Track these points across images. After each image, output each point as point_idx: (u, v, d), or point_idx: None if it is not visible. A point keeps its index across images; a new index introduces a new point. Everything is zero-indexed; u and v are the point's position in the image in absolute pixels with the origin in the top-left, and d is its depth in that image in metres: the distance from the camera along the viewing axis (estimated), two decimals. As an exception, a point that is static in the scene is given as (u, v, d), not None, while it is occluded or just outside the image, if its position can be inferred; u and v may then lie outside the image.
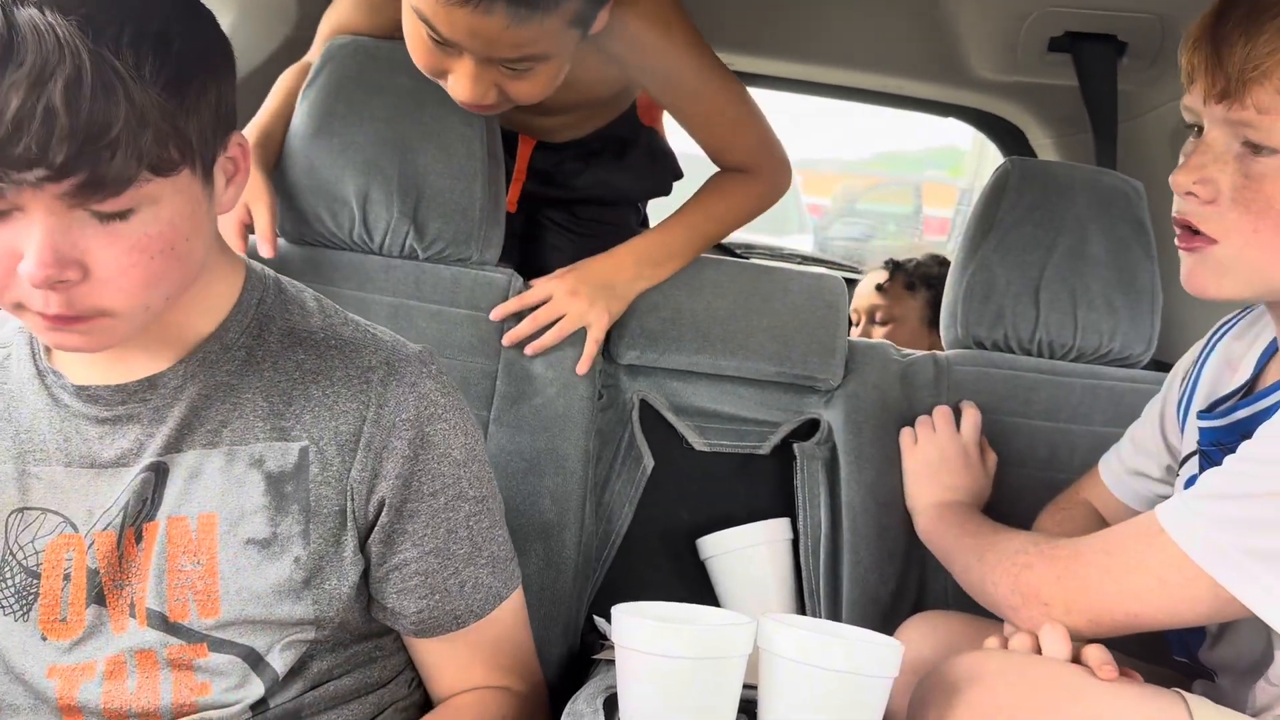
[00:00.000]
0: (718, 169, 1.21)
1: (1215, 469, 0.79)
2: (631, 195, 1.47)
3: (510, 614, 0.84)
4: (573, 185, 1.40)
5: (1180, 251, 0.82)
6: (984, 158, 2.75)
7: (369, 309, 1.09)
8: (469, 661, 0.82)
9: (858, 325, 2.00)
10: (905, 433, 1.17)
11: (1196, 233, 0.80)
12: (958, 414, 1.17)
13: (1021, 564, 0.89)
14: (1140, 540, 0.80)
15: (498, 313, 1.12)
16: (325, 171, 1.11)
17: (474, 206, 1.12)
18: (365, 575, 0.79)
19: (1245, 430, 0.80)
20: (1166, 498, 0.93)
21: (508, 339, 1.12)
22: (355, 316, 0.84)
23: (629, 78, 1.19)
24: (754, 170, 1.18)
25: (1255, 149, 0.74)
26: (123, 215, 0.63)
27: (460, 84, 0.97)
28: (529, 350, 1.11)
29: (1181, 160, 0.82)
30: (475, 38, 0.92)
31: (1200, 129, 0.79)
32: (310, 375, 0.77)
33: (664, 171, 1.45)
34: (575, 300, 1.11)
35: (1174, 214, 0.81)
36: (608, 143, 1.39)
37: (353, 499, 0.77)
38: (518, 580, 0.85)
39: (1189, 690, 0.78)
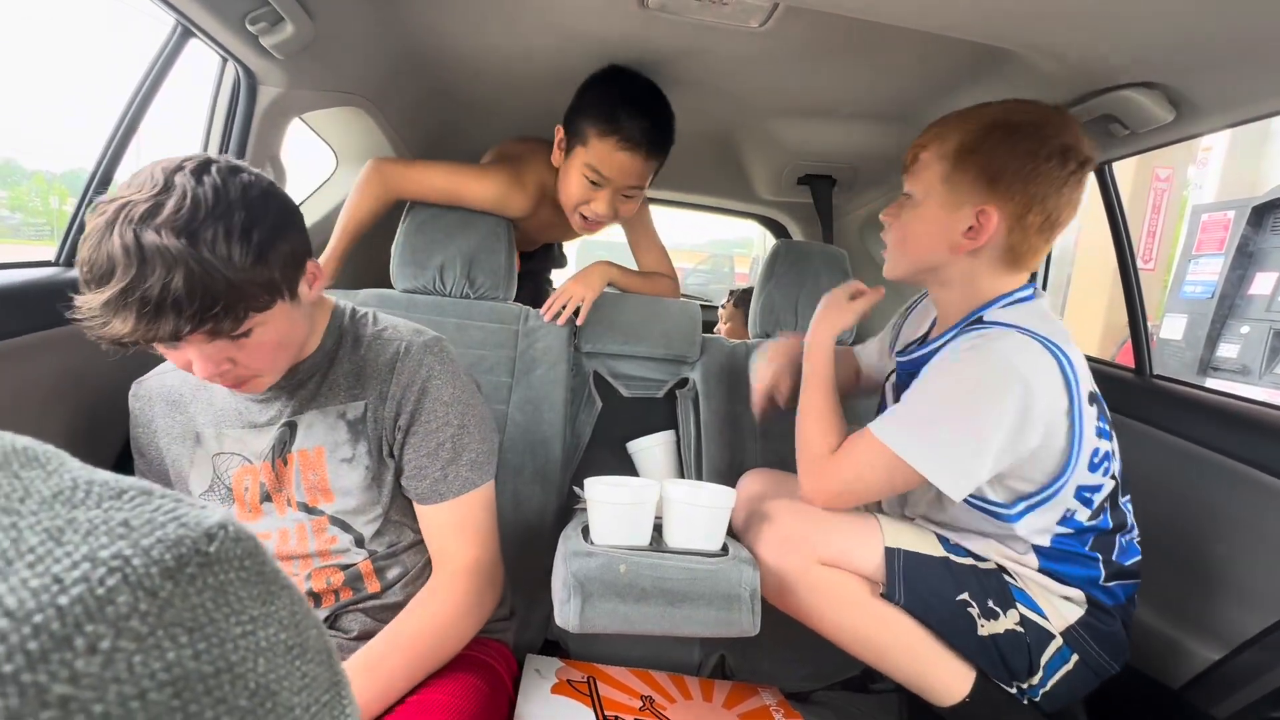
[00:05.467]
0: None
1: (895, 405, 0.91)
2: (553, 268, 2.20)
3: (479, 498, 0.89)
4: (533, 268, 2.04)
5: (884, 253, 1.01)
6: (765, 240, 2.99)
7: (444, 327, 1.30)
8: (444, 526, 0.89)
9: (721, 323, 2.52)
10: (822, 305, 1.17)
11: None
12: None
13: (805, 474, 0.99)
14: (863, 444, 0.92)
15: (547, 315, 1.38)
16: (421, 255, 1.36)
17: (500, 270, 1.39)
18: (398, 473, 0.89)
19: (915, 369, 0.94)
20: (873, 365, 1.23)
21: (547, 315, 1.37)
22: (395, 320, 0.93)
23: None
24: (663, 273, 1.57)
25: (907, 196, 0.97)
26: (246, 334, 0.71)
27: (601, 205, 1.30)
28: (547, 315, 1.37)
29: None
30: (625, 173, 1.23)
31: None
32: (366, 361, 0.88)
33: (562, 258, 2.21)
34: (576, 285, 1.41)
35: (882, 234, 1.02)
36: (545, 247, 2.06)
37: (387, 427, 0.87)
38: (489, 478, 0.91)
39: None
